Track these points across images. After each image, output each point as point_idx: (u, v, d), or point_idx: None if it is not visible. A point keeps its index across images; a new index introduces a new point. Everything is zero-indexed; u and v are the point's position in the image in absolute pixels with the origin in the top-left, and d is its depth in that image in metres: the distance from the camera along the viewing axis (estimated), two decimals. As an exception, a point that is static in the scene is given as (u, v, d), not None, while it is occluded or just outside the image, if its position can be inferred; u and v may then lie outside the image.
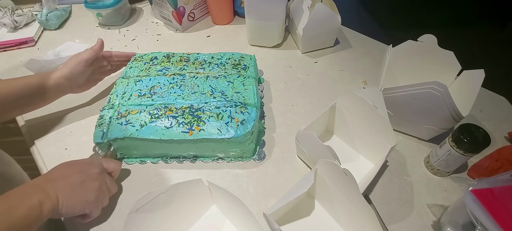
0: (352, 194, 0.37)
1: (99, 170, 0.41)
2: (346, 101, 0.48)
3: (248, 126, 0.46)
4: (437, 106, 0.44)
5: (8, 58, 0.75)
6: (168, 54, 0.60)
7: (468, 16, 2.26)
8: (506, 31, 2.02)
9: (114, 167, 0.44)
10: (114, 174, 0.45)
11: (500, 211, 0.33)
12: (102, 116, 0.48)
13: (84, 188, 0.38)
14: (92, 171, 0.40)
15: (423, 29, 0.59)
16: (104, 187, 0.41)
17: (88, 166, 0.41)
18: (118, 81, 0.54)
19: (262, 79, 0.66)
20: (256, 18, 0.69)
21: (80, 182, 0.38)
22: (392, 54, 0.53)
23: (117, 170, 0.45)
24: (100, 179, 0.41)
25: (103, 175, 0.42)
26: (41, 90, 0.48)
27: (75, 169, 0.39)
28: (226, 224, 0.43)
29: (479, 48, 1.93)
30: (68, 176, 0.38)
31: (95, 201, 0.40)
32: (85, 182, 0.39)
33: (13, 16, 0.82)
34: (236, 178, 0.49)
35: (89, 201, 0.39)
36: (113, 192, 0.44)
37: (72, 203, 0.37)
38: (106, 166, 0.44)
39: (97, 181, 0.40)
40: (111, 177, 0.44)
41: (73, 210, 0.37)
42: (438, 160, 0.46)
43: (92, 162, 0.42)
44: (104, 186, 0.41)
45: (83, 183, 0.38)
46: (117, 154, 0.49)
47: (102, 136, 0.46)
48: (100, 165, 0.42)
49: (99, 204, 0.41)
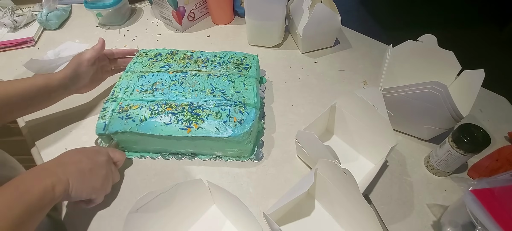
0: (352, 194, 0.37)
1: (106, 158, 0.43)
2: (346, 101, 0.48)
3: (246, 126, 0.46)
4: (437, 106, 0.44)
5: (8, 58, 0.75)
6: (172, 51, 0.60)
7: (468, 16, 2.26)
8: (506, 31, 2.02)
9: (119, 157, 0.46)
10: (118, 164, 0.46)
11: (500, 211, 0.33)
12: (105, 108, 0.49)
13: (93, 175, 0.40)
14: (100, 158, 0.42)
15: (423, 29, 0.59)
16: (110, 175, 0.43)
17: (96, 153, 0.42)
18: (123, 75, 0.55)
19: (264, 79, 0.66)
20: (256, 18, 0.69)
21: (89, 169, 0.40)
22: (392, 54, 0.53)
23: (121, 160, 0.47)
24: (107, 167, 0.43)
25: (110, 163, 0.44)
26: (47, 91, 0.48)
27: (85, 155, 0.41)
28: (226, 224, 0.43)
29: (479, 48, 1.93)
30: (78, 162, 0.39)
31: (101, 188, 0.41)
32: (94, 169, 0.40)
33: (13, 16, 0.82)
34: (236, 178, 0.49)
35: (96, 187, 0.41)
36: (115, 180, 0.45)
37: (81, 188, 0.38)
38: (112, 155, 0.45)
39: (104, 168, 0.42)
40: (115, 166, 0.45)
41: (81, 195, 0.39)
42: (438, 160, 0.46)
43: (100, 150, 0.44)
44: (109, 174, 0.43)
45: (92, 170, 0.40)
46: (118, 147, 0.50)
47: (104, 128, 0.47)
48: (107, 153, 0.44)
49: (103, 191, 0.42)
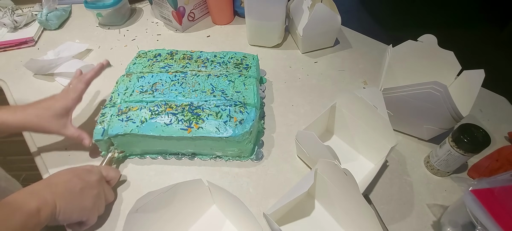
0: (352, 194, 0.37)
1: (98, 177, 0.41)
2: (346, 101, 0.48)
3: (247, 126, 0.46)
4: (437, 106, 0.44)
5: (8, 58, 0.75)
6: (172, 51, 0.60)
7: (468, 16, 2.26)
8: (506, 32, 2.02)
9: (113, 175, 0.44)
10: (112, 182, 0.45)
11: (500, 211, 0.33)
12: (104, 113, 0.49)
13: (83, 195, 0.38)
14: (91, 178, 0.40)
15: (423, 29, 0.59)
16: (102, 195, 0.41)
17: (87, 173, 0.40)
18: (119, 79, 0.54)
19: (264, 79, 0.66)
20: (256, 18, 0.69)
21: (79, 189, 0.38)
22: (392, 54, 0.53)
23: (115, 178, 0.45)
24: (98, 186, 0.41)
25: (102, 182, 0.42)
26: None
27: (75, 175, 0.39)
28: (226, 224, 0.43)
29: (479, 48, 1.93)
30: (68, 182, 0.38)
31: (92, 208, 0.39)
32: (84, 189, 0.38)
33: (13, 16, 0.82)
34: (236, 178, 0.49)
35: (87, 208, 0.39)
36: (109, 200, 0.44)
37: (70, 209, 0.37)
38: (105, 173, 0.43)
39: (95, 188, 0.40)
40: (108, 185, 0.44)
41: (71, 217, 0.37)
42: (438, 160, 0.46)
43: (92, 169, 0.42)
44: (102, 194, 0.41)
45: (82, 189, 0.38)
46: (117, 153, 0.50)
47: (103, 133, 0.47)
48: (99, 172, 0.42)
49: (96, 212, 0.41)
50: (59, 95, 0.47)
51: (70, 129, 0.47)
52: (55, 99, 0.46)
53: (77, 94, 0.47)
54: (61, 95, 0.47)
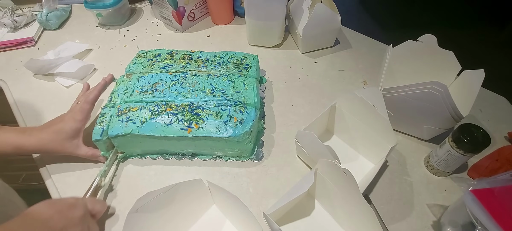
0: (352, 194, 0.37)
1: (82, 213, 0.38)
2: (346, 101, 0.48)
3: (247, 126, 0.46)
4: (437, 106, 0.44)
5: (8, 58, 0.75)
6: (172, 51, 0.60)
7: (468, 16, 2.26)
8: (506, 32, 2.02)
9: (98, 209, 0.41)
10: (97, 216, 0.42)
11: (500, 211, 0.33)
12: (103, 113, 0.49)
13: None
14: (74, 214, 0.37)
15: (423, 29, 0.59)
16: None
17: (71, 207, 0.37)
18: (119, 79, 0.54)
19: (264, 79, 0.66)
20: (256, 18, 0.69)
21: (60, 228, 0.35)
22: (392, 54, 0.53)
23: (100, 212, 0.42)
24: (82, 223, 0.37)
25: (86, 218, 0.39)
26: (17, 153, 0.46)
27: (56, 210, 0.36)
28: (226, 224, 0.43)
29: (479, 48, 1.93)
30: (49, 219, 0.35)
31: None
32: (66, 227, 0.35)
33: (13, 16, 0.82)
34: (236, 178, 0.49)
35: None
36: None
37: None
38: (91, 207, 0.40)
39: (78, 226, 0.37)
40: (93, 219, 0.41)
41: None
42: (438, 160, 0.46)
43: (76, 203, 0.38)
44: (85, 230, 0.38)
45: (64, 228, 0.35)
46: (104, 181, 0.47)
47: (101, 133, 0.47)
48: (84, 206, 0.39)
49: None
50: (67, 117, 0.48)
51: (82, 149, 0.48)
52: (64, 122, 0.47)
53: (84, 115, 0.48)
54: (69, 116, 0.48)
